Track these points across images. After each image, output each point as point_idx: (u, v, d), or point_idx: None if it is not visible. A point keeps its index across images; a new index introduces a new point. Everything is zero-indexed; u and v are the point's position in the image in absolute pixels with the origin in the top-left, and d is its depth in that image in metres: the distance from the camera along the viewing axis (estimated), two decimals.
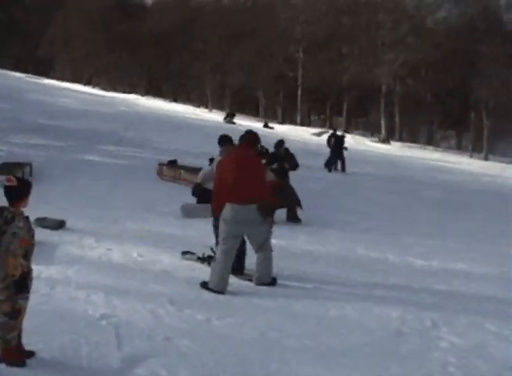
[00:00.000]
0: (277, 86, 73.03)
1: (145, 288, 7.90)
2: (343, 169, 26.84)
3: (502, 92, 57.25)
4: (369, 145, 50.65)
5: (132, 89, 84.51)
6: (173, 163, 19.23)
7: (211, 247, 9.30)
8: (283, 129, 52.03)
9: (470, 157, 57.96)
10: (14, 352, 5.41)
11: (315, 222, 13.92)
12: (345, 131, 34.15)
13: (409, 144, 60.59)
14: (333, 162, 27.18)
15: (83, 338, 6.09)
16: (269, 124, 54.58)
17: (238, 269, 8.89)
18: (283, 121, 67.18)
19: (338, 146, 27.39)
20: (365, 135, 62.60)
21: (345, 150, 27.52)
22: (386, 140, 58.47)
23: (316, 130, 59.38)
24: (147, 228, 11.48)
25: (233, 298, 7.91)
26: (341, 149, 27.39)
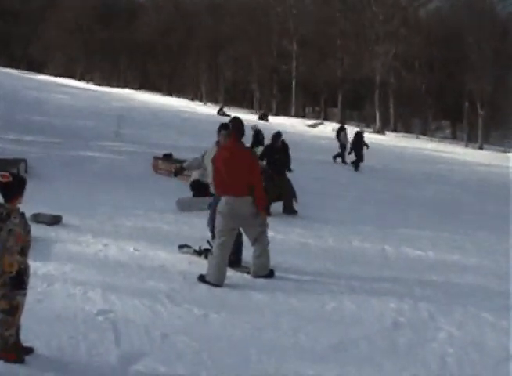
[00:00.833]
0: (271, 79, 73.10)
1: (142, 284, 7.90)
2: (356, 167, 25.47)
3: (491, 83, 57.46)
4: (364, 136, 50.46)
5: (126, 84, 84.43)
6: (168, 157, 19.17)
7: (208, 240, 9.31)
8: (278, 121, 51.91)
9: (466, 146, 58.01)
10: (12, 349, 5.41)
11: (310, 214, 13.91)
12: (341, 123, 33.59)
13: (404, 134, 60.62)
14: (341, 155, 26.76)
15: (81, 335, 6.09)
16: (266, 116, 54.33)
17: (235, 261, 8.91)
18: (278, 114, 67.03)
19: (359, 143, 26.14)
20: (360, 127, 62.52)
21: (366, 147, 26.41)
22: (381, 131, 58.45)
23: (311, 122, 59.43)
24: (143, 223, 11.47)
25: (230, 291, 7.91)
26: (361, 146, 26.15)
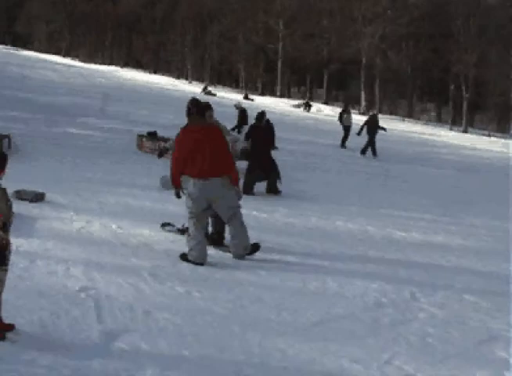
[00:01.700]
0: (257, 58, 72.91)
1: (125, 261, 7.87)
2: (363, 151, 24.77)
3: (476, 59, 57.70)
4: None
5: (111, 61, 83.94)
6: (153, 135, 19.08)
7: None
8: (263, 101, 51.88)
9: (450, 129, 58.21)
10: None
11: (294, 194, 13.92)
12: (325, 104, 33.51)
13: (390, 116, 60.70)
14: (344, 139, 26.72)
15: (63, 311, 6.06)
16: (249, 96, 54.74)
17: (218, 240, 8.89)
18: (263, 93, 66.97)
19: (373, 127, 24.91)
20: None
21: (384, 130, 25.30)
22: (366, 112, 58.52)
23: (296, 102, 59.43)
24: (127, 201, 11.42)
25: (213, 269, 7.90)
26: (376, 130, 24.95)
